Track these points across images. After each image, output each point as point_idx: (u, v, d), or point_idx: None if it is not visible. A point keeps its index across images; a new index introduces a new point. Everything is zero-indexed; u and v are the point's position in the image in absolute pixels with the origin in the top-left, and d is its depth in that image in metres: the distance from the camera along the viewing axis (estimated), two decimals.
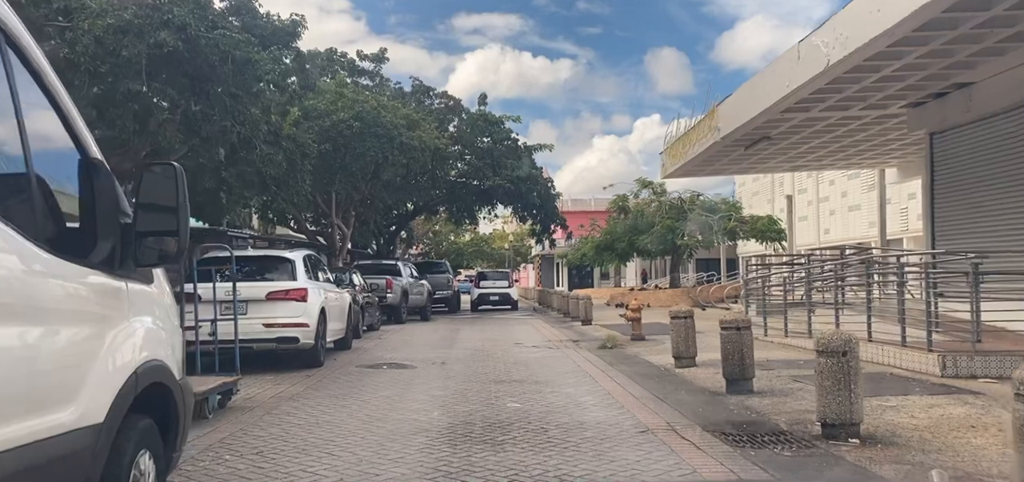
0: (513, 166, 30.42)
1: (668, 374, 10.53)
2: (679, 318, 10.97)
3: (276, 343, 11.10)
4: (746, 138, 16.63)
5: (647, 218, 32.69)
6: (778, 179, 44.77)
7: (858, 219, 36.24)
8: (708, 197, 32.68)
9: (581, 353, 13.74)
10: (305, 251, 12.72)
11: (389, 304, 22.70)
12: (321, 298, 12.03)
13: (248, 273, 11.64)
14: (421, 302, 25.69)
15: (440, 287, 30.50)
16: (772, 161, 19.92)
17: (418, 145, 24.04)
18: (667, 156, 20.91)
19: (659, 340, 15.72)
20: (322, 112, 22.69)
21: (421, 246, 61.50)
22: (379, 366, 12.04)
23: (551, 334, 18.44)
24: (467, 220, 36.80)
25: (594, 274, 64.19)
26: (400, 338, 17.64)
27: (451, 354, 13.77)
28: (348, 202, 25.95)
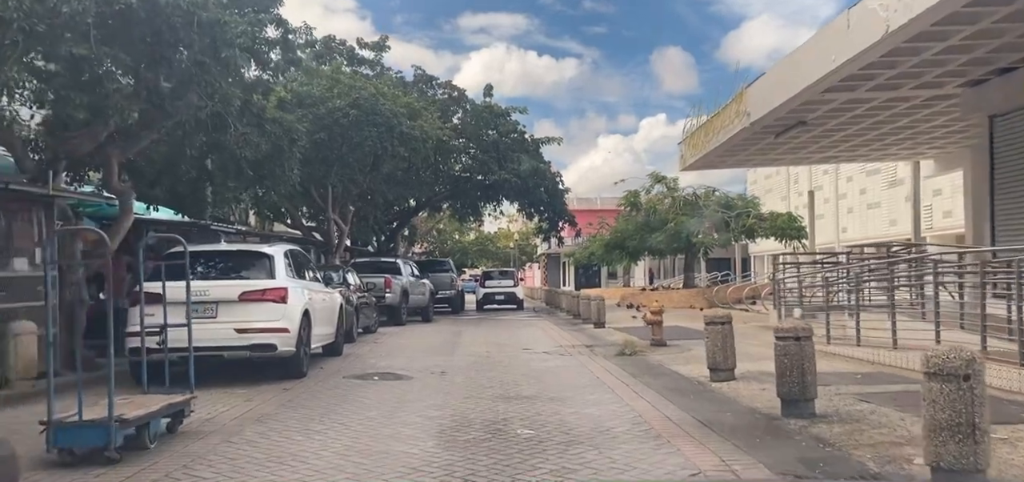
0: (520, 160, 28.93)
1: (704, 390, 9.04)
2: (716, 324, 9.48)
3: (250, 351, 9.65)
4: (778, 124, 15.11)
5: (660, 215, 31.17)
6: (793, 175, 43.22)
7: (878, 217, 34.67)
8: (724, 193, 31.19)
9: (598, 361, 12.25)
10: (287, 246, 11.24)
11: (388, 305, 21.25)
12: (304, 299, 10.58)
13: (220, 271, 10.21)
14: (422, 302, 24.25)
15: (443, 287, 29.05)
16: (802, 151, 18.39)
17: (420, 136, 22.57)
18: (686, 146, 19.39)
19: (682, 346, 14.24)
20: (317, 99, 21.23)
21: (425, 245, 60.11)
22: (370, 377, 10.58)
23: (562, 338, 16.96)
24: (471, 217, 35.31)
25: (601, 274, 62.77)
26: (398, 342, 16.19)
27: (452, 362, 12.30)
28: (346, 196, 24.50)
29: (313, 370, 11.06)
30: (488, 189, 31.05)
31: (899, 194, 33.66)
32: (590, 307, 21.78)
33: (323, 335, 11.95)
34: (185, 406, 6.75)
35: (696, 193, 31.17)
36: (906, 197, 32.95)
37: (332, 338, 12.75)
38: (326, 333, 12.21)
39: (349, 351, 13.97)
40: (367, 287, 18.60)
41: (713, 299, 29.24)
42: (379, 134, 21.42)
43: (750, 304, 27.65)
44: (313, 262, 12.75)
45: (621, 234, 32.91)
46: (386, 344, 15.77)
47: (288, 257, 10.81)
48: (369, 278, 20.53)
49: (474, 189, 31.59)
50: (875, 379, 9.29)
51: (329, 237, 24.48)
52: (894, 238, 33.04)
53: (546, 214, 31.78)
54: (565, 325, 21.73)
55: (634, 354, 13.00)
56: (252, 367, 10.29)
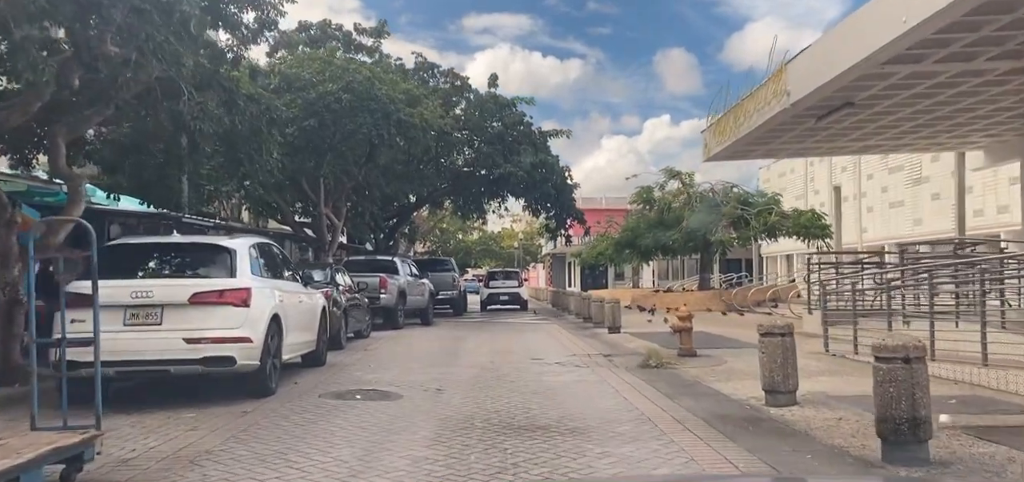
0: (526, 152, 27.15)
1: (762, 418, 7.27)
2: (774, 335, 7.70)
3: (202, 366, 7.89)
4: (823, 105, 13.32)
5: (674, 212, 29.38)
6: (810, 173, 41.40)
7: (900, 216, 32.83)
8: (743, 189, 29.38)
9: (621, 375, 10.48)
10: (254, 239, 9.47)
11: (383, 306, 19.50)
12: (273, 302, 8.83)
13: (169, 268, 8.47)
14: (421, 304, 22.50)
15: (444, 287, 27.31)
16: (841, 139, 16.58)
17: (419, 124, 20.82)
18: (711, 134, 17.60)
19: (714, 356, 12.48)
20: (306, 83, 19.51)
21: (428, 244, 58.42)
22: (351, 396, 8.83)
23: (574, 345, 15.19)
24: (475, 214, 33.52)
25: (608, 274, 61.00)
26: (391, 349, 14.44)
27: (451, 375, 10.54)
28: (339, 190, 22.76)
29: (285, 385, 9.31)
30: (492, 184, 29.28)
31: (924, 192, 31.88)
32: (603, 310, 20.01)
33: (300, 343, 10.20)
34: (85, 447, 4.99)
35: (713, 189, 29.36)
36: (933, 195, 31.24)
37: (312, 346, 11.00)
38: (304, 341, 10.46)
39: (335, 360, 12.23)
40: (359, 287, 16.85)
41: (732, 301, 27.47)
42: (374, 121, 19.68)
43: (772, 307, 25.88)
44: (289, 259, 10.97)
45: (632, 232, 31.12)
46: (378, 352, 14.02)
47: (256, 252, 9.06)
48: (363, 278, 18.79)
49: (477, 184, 29.83)
50: (976, 405, 7.51)
51: (321, 234, 22.75)
52: (919, 238, 31.34)
53: (553, 211, 29.99)
54: (576, 330, 19.96)
55: (660, 366, 11.23)
56: (210, 384, 8.56)
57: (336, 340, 13.99)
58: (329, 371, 10.97)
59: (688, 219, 28.14)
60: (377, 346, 15.04)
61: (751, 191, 29.04)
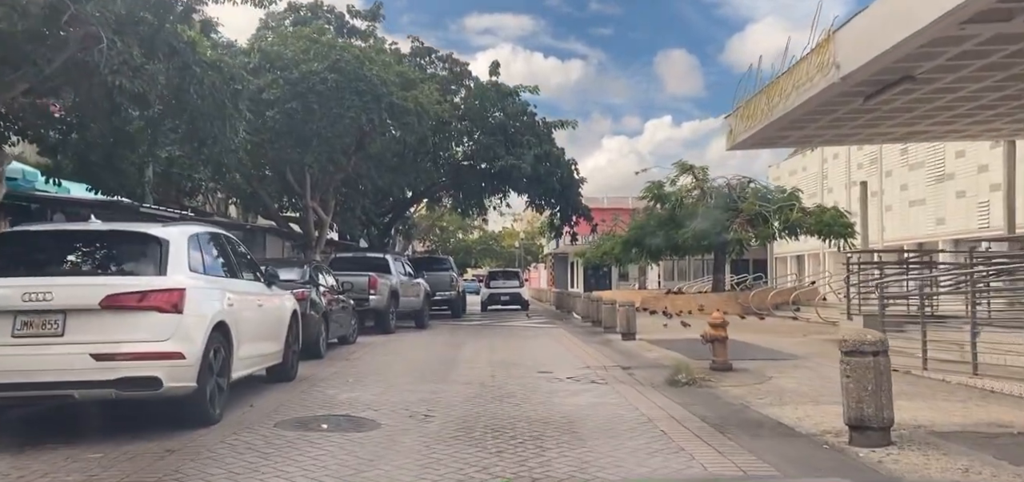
0: (530, 144, 25.34)
1: (857, 465, 5.44)
2: (862, 354, 5.86)
3: (117, 389, 6.07)
4: (877, 79, 11.51)
5: (687, 209, 27.53)
6: (825, 169, 39.54)
7: (922, 215, 30.97)
8: (762, 184, 27.51)
9: (648, 396, 8.66)
10: (198, 228, 7.60)
11: (373, 309, 17.71)
12: (218, 307, 7.01)
13: (76, 262, 6.66)
14: (416, 306, 20.70)
15: (441, 287, 25.52)
16: (885, 124, 14.73)
17: (414, 109, 19.02)
18: (738, 118, 15.78)
19: (752, 369, 10.67)
20: (289, 62, 17.71)
21: (427, 243, 56.67)
22: (316, 425, 7.01)
23: (586, 355, 13.37)
24: (475, 211, 31.68)
25: (611, 275, 59.23)
26: (377, 359, 12.63)
27: (443, 394, 8.73)
28: (327, 182, 20.93)
29: (237, 408, 7.51)
30: (494, 178, 27.46)
31: (947, 190, 30.06)
32: (615, 314, 18.19)
33: (258, 356, 8.39)
34: None
35: (730, 184, 27.52)
36: (958, 193, 29.43)
37: (278, 358, 9.20)
38: (265, 352, 8.66)
39: (309, 372, 10.42)
40: (345, 287, 15.05)
41: (749, 304, 25.65)
42: (364, 105, 17.87)
43: (795, 311, 24.07)
44: (249, 255, 9.15)
45: (641, 230, 29.27)
46: (362, 362, 12.21)
47: (196, 244, 7.23)
48: (350, 277, 16.97)
49: (477, 178, 28.00)
50: None
51: (308, 229, 20.94)
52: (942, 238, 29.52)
53: (558, 207, 28.19)
54: (585, 335, 18.13)
55: (692, 383, 9.40)
56: (137, 410, 6.76)
57: (314, 348, 12.21)
58: (298, 388, 9.16)
59: (701, 216, 26.29)
60: (362, 354, 13.22)
61: (770, 186, 27.17)
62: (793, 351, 13.22)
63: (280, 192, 22.28)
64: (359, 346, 14.69)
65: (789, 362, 11.58)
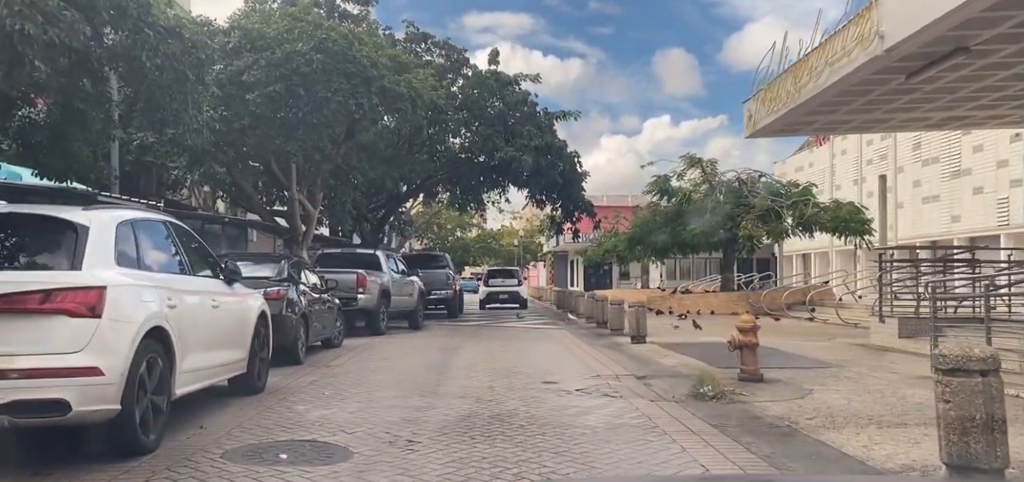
0: (531, 134, 24.01)
1: None
2: (968, 373, 4.53)
3: (8, 415, 4.74)
4: (926, 51, 10.22)
5: (695, 204, 26.24)
6: (836, 164, 38.23)
7: (935, 212, 29.70)
8: (774, 178, 26.21)
9: (672, 414, 7.34)
10: (130, 213, 6.22)
11: (362, 309, 16.39)
12: (153, 310, 5.68)
13: None
14: (410, 305, 19.38)
15: (437, 285, 24.21)
16: (923, 107, 13.43)
17: (407, 93, 17.69)
18: (759, 103, 14.48)
19: (786, 380, 9.37)
20: (271, 41, 16.38)
21: (425, 241, 55.39)
22: (271, 454, 5.69)
23: (595, 360, 12.05)
24: (473, 206, 30.35)
25: (612, 274, 57.97)
26: (362, 366, 11.30)
27: (433, 412, 7.41)
28: (315, 173, 19.59)
29: (184, 430, 6.21)
30: (492, 171, 26.13)
31: (963, 186, 28.83)
32: (622, 315, 16.90)
33: (214, 366, 7.08)
34: None
35: (740, 178, 26.21)
36: (975, 188, 28.18)
37: (241, 367, 7.89)
38: (224, 361, 7.34)
39: (281, 383, 9.12)
40: (329, 286, 13.73)
41: (760, 305, 24.36)
42: (352, 88, 16.55)
43: (810, 311, 22.77)
44: (205, 248, 7.80)
45: (646, 227, 27.98)
46: (344, 369, 10.89)
47: (128, 233, 5.90)
48: (337, 274, 15.66)
49: (476, 172, 26.67)
50: None
51: (294, 223, 19.61)
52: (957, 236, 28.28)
53: (559, 202, 26.85)
54: (590, 338, 16.81)
55: (720, 397, 8.09)
56: (56, 436, 5.44)
57: (291, 353, 10.91)
58: (263, 403, 7.84)
59: (710, 211, 25.00)
60: (346, 360, 11.90)
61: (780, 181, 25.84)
62: (823, 357, 11.93)
63: (267, 185, 20.98)
64: (344, 350, 13.37)
65: (825, 371, 10.28)
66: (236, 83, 16.00)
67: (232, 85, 16.13)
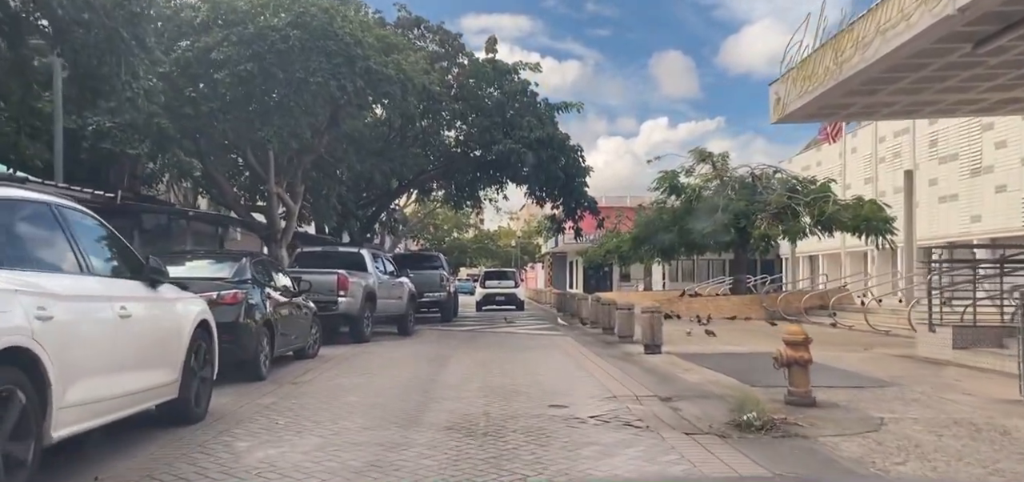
0: (531, 125, 22.38)
1: None
2: None
3: None
4: (1005, 11, 8.60)
5: (705, 201, 24.62)
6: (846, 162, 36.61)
7: (953, 212, 28.09)
8: (790, 174, 24.59)
9: (725, 457, 5.68)
10: None
11: (343, 314, 14.74)
12: (9, 324, 4.03)
13: None
14: (398, 309, 17.73)
15: (429, 287, 22.56)
16: (982, 85, 11.78)
17: (396, 77, 16.04)
18: (790, 84, 12.84)
19: (843, 403, 7.73)
20: (243, 15, 14.71)
21: (421, 242, 53.80)
22: None
23: (608, 376, 10.40)
24: (469, 204, 28.69)
25: (613, 275, 56.39)
26: (334, 383, 9.64)
27: (410, 451, 5.75)
28: (295, 164, 17.92)
29: (73, 477, 4.56)
30: (489, 166, 24.50)
31: (985, 184, 27.28)
32: (632, 321, 15.28)
33: (125, 395, 5.40)
34: None
35: (754, 173, 24.58)
36: (998, 187, 26.62)
37: (171, 392, 6.24)
38: (141, 388, 5.68)
39: (229, 406, 7.47)
40: (303, 288, 12.07)
41: (776, 309, 22.77)
42: (334, 68, 14.91)
43: (831, 317, 21.15)
44: (119, 239, 6.11)
45: (652, 225, 26.34)
46: (312, 387, 9.23)
47: None
48: (315, 275, 14.00)
49: (472, 166, 25.02)
50: None
51: (272, 219, 17.95)
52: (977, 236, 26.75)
53: (561, 199, 25.21)
54: (598, 346, 15.15)
55: (770, 428, 6.47)
56: None
57: (251, 367, 9.28)
58: (195, 437, 6.17)
59: (722, 209, 23.38)
60: (317, 375, 10.24)
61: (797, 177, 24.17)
62: (874, 373, 10.29)
63: (244, 177, 19.32)
64: (319, 361, 11.71)
65: (885, 392, 8.64)
66: (205, 61, 14.35)
67: (200, 64, 14.49)
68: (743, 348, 14.17)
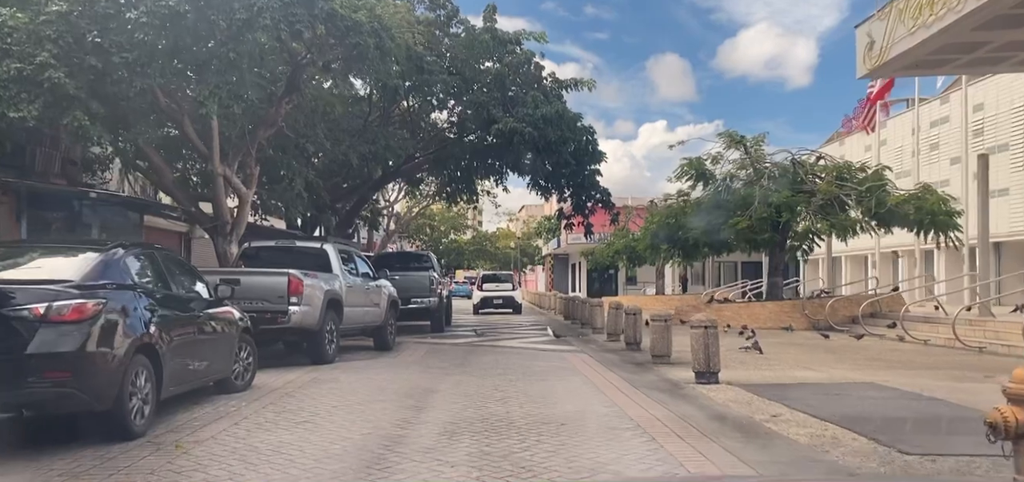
0: (536, 101, 18.97)
1: None
2: None
3: None
4: None
5: (737, 193, 21.26)
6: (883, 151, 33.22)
7: (1005, 208, 24.62)
8: (835, 158, 21.17)
9: None
10: None
11: (296, 327, 11.33)
12: None
13: None
14: (374, 319, 14.34)
15: (417, 292, 19.21)
16: None
17: (367, 24, 12.61)
18: (889, 21, 9.44)
19: None
20: None
21: (417, 244, 50.44)
22: None
23: (660, 427, 6.96)
24: (464, 196, 25.20)
25: (618, 278, 53.06)
26: (243, 443, 6.20)
27: None
28: (247, 141, 14.43)
29: None
30: (487, 153, 21.10)
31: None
32: (668, 337, 11.92)
33: None
34: None
35: (794, 158, 21.17)
36: None
37: None
38: None
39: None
40: (221, 294, 8.63)
41: (818, 318, 19.41)
42: (285, 10, 11.50)
43: (889, 328, 17.77)
44: None
45: (673, 221, 22.93)
46: (209, 452, 5.83)
47: None
48: (255, 277, 10.60)
49: (467, 153, 21.58)
50: None
51: (219, 207, 14.51)
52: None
53: (570, 189, 21.79)
54: (627, 369, 11.71)
55: None
56: None
57: (116, 420, 5.89)
58: None
59: (759, 200, 20.00)
60: (225, 428, 6.81)
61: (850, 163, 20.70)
62: None
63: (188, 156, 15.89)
64: (246, 398, 8.30)
65: None
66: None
67: (110, 3, 11.09)
68: (818, 374, 10.80)
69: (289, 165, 15.78)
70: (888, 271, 30.48)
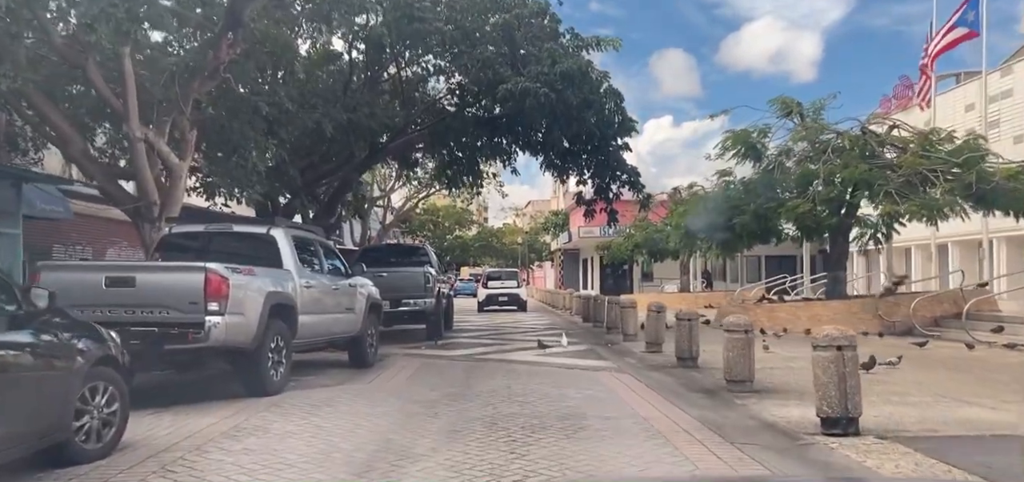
0: (554, 56, 15.43)
1: None
2: None
3: None
4: None
5: (792, 171, 17.71)
6: None
7: None
8: (911, 127, 17.56)
9: None
10: None
11: (218, 347, 7.82)
12: None
13: None
14: (348, 329, 10.88)
15: (409, 292, 15.82)
16: None
17: None
18: None
19: None
20: None
21: (419, 240, 46.91)
22: None
23: None
24: (466, 179, 21.58)
25: (633, 274, 49.55)
26: None
27: None
28: (178, 94, 10.92)
29: None
30: (493, 127, 17.62)
31: None
32: (748, 353, 8.46)
33: None
34: None
35: (864, 127, 17.56)
36: None
37: None
38: None
39: None
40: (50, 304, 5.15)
41: (894, 320, 15.89)
42: None
43: (993, 333, 14.22)
44: None
45: (715, 207, 19.38)
46: None
47: None
48: (149, 275, 7.13)
49: (468, 128, 18.02)
50: None
51: (143, 183, 11.03)
52: None
53: (592, 166, 18.25)
54: (691, 399, 8.16)
55: None
56: None
57: None
58: None
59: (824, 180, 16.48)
60: None
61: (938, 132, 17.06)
62: None
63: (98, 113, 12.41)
64: (100, 471, 4.85)
65: None
66: None
67: None
68: (995, 414, 7.27)
69: (242, 130, 12.26)
70: (933, 265, 26.78)
